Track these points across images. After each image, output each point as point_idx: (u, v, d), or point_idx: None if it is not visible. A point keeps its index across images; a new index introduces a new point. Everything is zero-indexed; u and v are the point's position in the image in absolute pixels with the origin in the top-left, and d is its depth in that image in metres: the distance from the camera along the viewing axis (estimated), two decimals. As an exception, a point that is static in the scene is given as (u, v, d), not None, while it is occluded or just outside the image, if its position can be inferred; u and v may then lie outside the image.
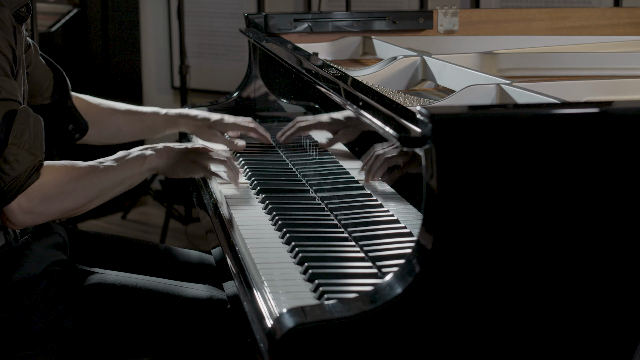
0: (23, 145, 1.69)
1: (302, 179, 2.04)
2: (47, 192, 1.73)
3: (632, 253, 1.32)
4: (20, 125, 1.69)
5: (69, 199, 1.77)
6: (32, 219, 1.75)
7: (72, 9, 4.42)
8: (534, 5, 3.78)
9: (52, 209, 1.76)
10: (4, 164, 1.67)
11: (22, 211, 1.71)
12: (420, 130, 1.30)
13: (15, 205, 1.70)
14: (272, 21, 2.62)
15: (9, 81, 1.71)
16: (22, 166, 1.68)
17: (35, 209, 1.72)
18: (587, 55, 2.30)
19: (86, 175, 1.79)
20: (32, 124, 1.72)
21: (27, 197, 1.70)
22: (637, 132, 1.30)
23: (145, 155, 1.86)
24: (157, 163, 1.87)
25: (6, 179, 1.67)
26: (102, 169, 1.81)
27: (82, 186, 1.78)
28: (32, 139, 1.71)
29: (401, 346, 1.28)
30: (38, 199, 1.71)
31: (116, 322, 1.82)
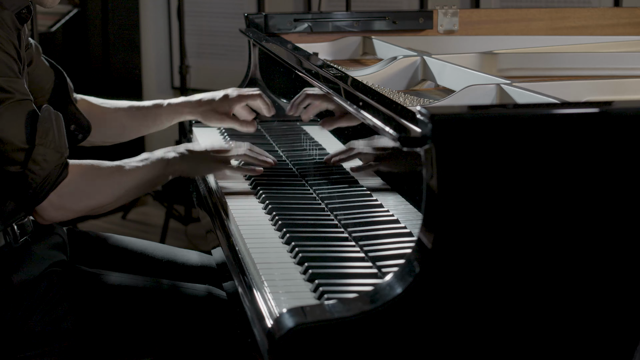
0: (49, 144, 1.72)
1: (302, 179, 2.04)
2: (77, 188, 1.76)
3: (632, 253, 1.32)
4: (44, 124, 1.72)
5: (97, 196, 1.80)
6: (63, 214, 1.78)
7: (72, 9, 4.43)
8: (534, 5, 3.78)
9: (82, 204, 1.79)
10: (33, 164, 1.70)
11: (54, 207, 1.74)
12: (420, 130, 1.30)
13: (47, 202, 1.73)
14: (272, 21, 2.62)
15: (19, 81, 1.74)
16: (51, 165, 1.71)
17: (66, 205, 1.75)
18: (587, 55, 2.30)
19: (113, 174, 1.82)
20: (55, 121, 1.75)
21: (58, 194, 1.73)
22: (637, 132, 1.30)
23: (168, 158, 1.88)
24: (180, 165, 1.89)
25: (37, 179, 1.70)
26: (127, 169, 1.84)
27: (109, 184, 1.81)
28: (57, 137, 1.74)
29: (401, 346, 1.28)
30: (68, 196, 1.75)
31: (116, 322, 1.82)
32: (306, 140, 2.14)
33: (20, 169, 1.70)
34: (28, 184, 1.70)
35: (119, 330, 1.82)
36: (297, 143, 2.21)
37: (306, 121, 2.12)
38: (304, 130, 2.21)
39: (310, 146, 2.10)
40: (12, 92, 1.71)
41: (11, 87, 1.71)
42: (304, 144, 2.15)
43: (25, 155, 1.70)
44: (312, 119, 2.16)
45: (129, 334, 1.83)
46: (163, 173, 1.88)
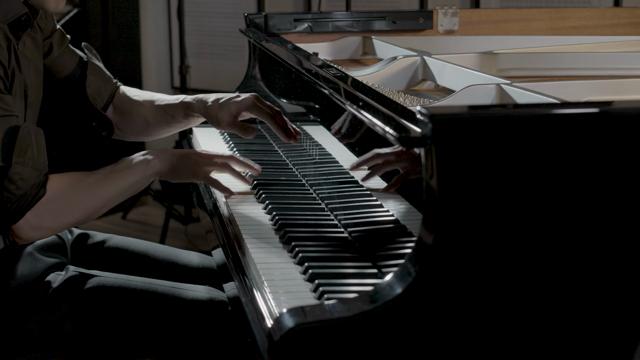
0: (27, 162, 1.66)
1: (302, 179, 2.04)
2: (55, 206, 1.71)
3: (632, 253, 1.32)
4: (22, 142, 1.66)
5: (76, 211, 1.75)
6: (41, 233, 1.75)
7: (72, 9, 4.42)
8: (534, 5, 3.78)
9: (60, 222, 1.74)
10: (9, 184, 1.65)
11: (31, 227, 1.69)
12: (420, 130, 1.30)
13: (24, 222, 1.68)
14: (272, 21, 2.62)
15: (5, 97, 1.68)
16: (28, 184, 1.66)
17: (43, 224, 1.70)
18: (587, 55, 2.30)
19: (92, 185, 1.77)
20: (34, 139, 1.69)
21: (35, 213, 1.68)
22: (637, 132, 1.30)
23: (148, 160, 1.84)
24: (160, 167, 1.85)
25: (13, 199, 1.65)
26: (107, 178, 1.79)
27: (89, 197, 1.76)
28: (35, 155, 1.68)
29: (401, 346, 1.28)
30: (46, 214, 1.70)
31: (116, 324, 1.82)
32: (306, 140, 2.14)
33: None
34: (3, 203, 1.65)
35: (119, 332, 1.82)
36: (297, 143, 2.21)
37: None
38: (304, 130, 2.20)
39: (310, 146, 2.10)
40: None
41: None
42: (304, 144, 2.15)
43: (0, 174, 1.64)
44: (312, 119, 2.16)
45: (129, 336, 1.82)
46: (143, 176, 1.83)
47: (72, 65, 2.06)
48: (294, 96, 2.30)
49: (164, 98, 2.12)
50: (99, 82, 2.09)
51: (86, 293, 1.82)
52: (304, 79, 2.10)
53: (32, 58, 1.86)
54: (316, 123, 2.11)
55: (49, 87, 1.97)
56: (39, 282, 1.80)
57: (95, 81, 2.08)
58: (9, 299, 1.76)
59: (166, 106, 2.09)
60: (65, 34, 2.08)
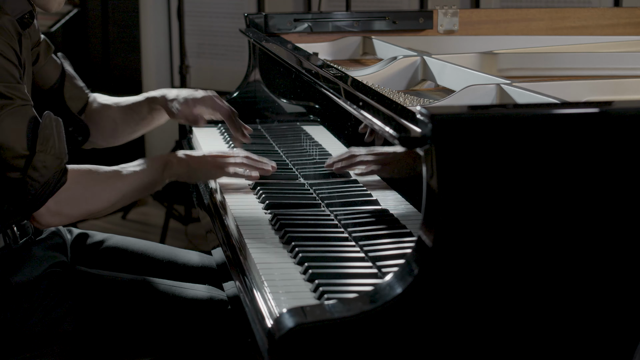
0: (49, 150, 1.72)
1: (302, 179, 2.04)
2: (74, 194, 1.76)
3: (632, 253, 1.32)
4: (45, 131, 1.72)
5: (94, 202, 1.80)
6: (60, 220, 1.78)
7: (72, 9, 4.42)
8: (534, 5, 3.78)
9: (79, 210, 1.79)
10: (33, 171, 1.70)
11: (50, 213, 1.74)
12: (420, 130, 1.30)
13: (45, 208, 1.73)
14: (272, 21, 2.62)
15: (20, 87, 1.74)
16: (50, 171, 1.72)
17: (62, 210, 1.75)
18: (587, 55, 2.30)
19: (110, 179, 1.82)
20: (55, 128, 1.75)
21: (55, 200, 1.73)
22: (637, 132, 1.30)
23: (166, 162, 1.88)
24: (178, 170, 1.89)
25: (36, 186, 1.71)
26: (125, 174, 1.83)
27: (107, 189, 1.81)
28: (57, 144, 1.74)
29: (401, 346, 1.28)
30: (65, 201, 1.75)
31: (116, 323, 1.82)
32: (306, 140, 2.14)
33: (20, 176, 1.70)
34: (27, 190, 1.71)
35: (119, 330, 1.82)
36: (297, 143, 2.21)
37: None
38: (304, 130, 2.21)
39: (310, 146, 2.10)
40: (13, 98, 1.71)
41: (12, 93, 1.71)
42: (304, 144, 2.15)
43: (25, 162, 1.70)
44: (312, 119, 2.16)
45: (129, 335, 1.83)
46: (160, 177, 1.88)
47: (56, 76, 2.13)
48: (294, 96, 2.30)
49: (129, 98, 2.22)
50: (74, 89, 2.16)
51: (86, 292, 1.83)
52: (304, 79, 2.10)
53: (27, 60, 1.88)
54: (316, 123, 2.11)
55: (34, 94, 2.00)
56: (40, 281, 1.81)
57: (71, 89, 2.15)
58: (9, 296, 1.77)
59: (132, 104, 2.20)
60: (50, 44, 2.12)
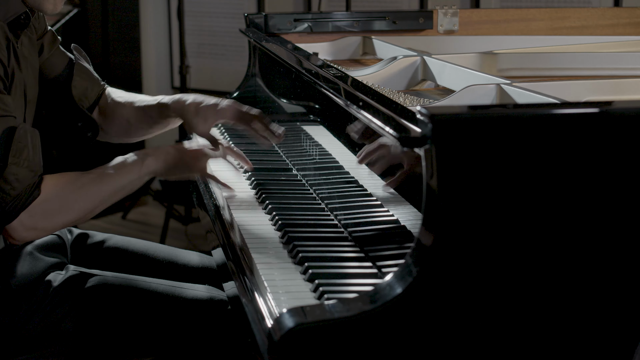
0: (22, 163, 1.67)
1: (302, 179, 2.04)
2: (49, 206, 1.71)
3: (632, 253, 1.32)
4: (18, 143, 1.67)
5: (70, 212, 1.75)
6: (35, 234, 1.75)
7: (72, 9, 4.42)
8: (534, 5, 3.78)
9: (55, 222, 1.75)
10: (4, 184, 1.65)
11: (25, 228, 1.69)
12: (420, 130, 1.30)
13: (18, 222, 1.68)
14: (272, 21, 2.62)
15: (4, 97, 1.69)
16: (23, 184, 1.67)
17: (37, 224, 1.71)
18: (587, 55, 2.30)
19: (86, 185, 1.77)
20: (30, 140, 1.70)
21: (29, 214, 1.68)
22: (637, 132, 1.30)
23: (142, 160, 1.84)
24: (155, 166, 1.85)
25: (7, 199, 1.66)
26: (101, 178, 1.79)
27: (83, 197, 1.76)
28: (31, 156, 1.69)
29: (401, 346, 1.28)
30: (40, 215, 1.70)
31: (116, 324, 1.82)
32: (306, 140, 2.14)
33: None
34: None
35: (119, 331, 1.82)
36: (297, 143, 2.21)
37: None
38: (304, 130, 2.21)
39: (310, 146, 2.10)
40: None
41: None
42: (304, 144, 2.15)
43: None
44: (312, 119, 2.16)
45: (129, 335, 1.82)
46: (138, 176, 1.83)
47: (62, 67, 2.07)
48: (294, 96, 2.30)
49: (144, 99, 2.13)
50: (85, 83, 2.10)
51: (86, 292, 1.82)
52: (304, 79, 2.10)
53: (29, 56, 1.87)
54: (316, 123, 2.11)
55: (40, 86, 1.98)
56: (40, 281, 1.80)
57: (81, 82, 2.09)
58: (9, 297, 1.77)
59: (145, 107, 2.11)
60: (57, 36, 2.09)
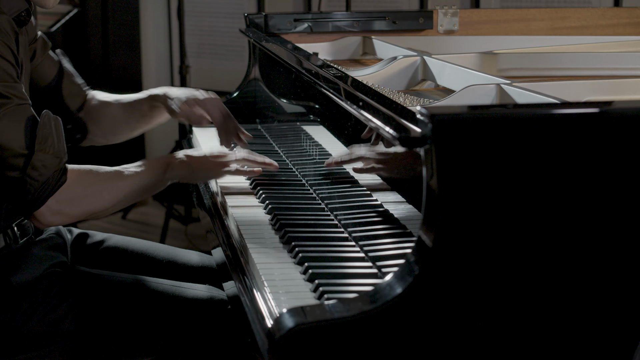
0: (48, 150, 1.71)
1: (302, 179, 2.04)
2: (75, 194, 1.75)
3: (632, 253, 1.32)
4: (44, 130, 1.72)
5: (94, 201, 1.79)
6: (61, 219, 1.78)
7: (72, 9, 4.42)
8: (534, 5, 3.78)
9: (80, 210, 1.78)
10: (32, 170, 1.69)
11: (51, 213, 1.73)
12: (420, 130, 1.30)
13: (45, 207, 1.72)
14: (272, 21, 2.62)
15: (18, 86, 1.73)
16: (50, 170, 1.71)
17: (63, 210, 1.75)
18: (587, 55, 2.30)
19: (111, 179, 1.81)
20: (54, 127, 1.74)
21: (56, 200, 1.73)
22: (637, 132, 1.30)
23: (168, 163, 1.88)
24: (179, 172, 1.89)
25: (36, 185, 1.70)
26: (126, 174, 1.83)
27: (108, 189, 1.80)
28: (55, 143, 1.73)
29: (401, 346, 1.28)
30: (66, 201, 1.74)
31: (116, 323, 1.82)
32: (306, 140, 2.14)
33: (19, 175, 1.70)
34: (27, 190, 1.70)
35: (119, 330, 1.82)
36: (297, 143, 2.21)
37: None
38: (304, 130, 2.21)
39: (310, 146, 2.10)
40: (11, 97, 1.70)
41: (9, 92, 1.70)
42: (304, 144, 2.15)
43: (24, 161, 1.69)
44: (312, 119, 2.16)
45: (129, 334, 1.83)
46: (162, 179, 1.87)
47: (54, 71, 2.12)
48: (294, 96, 2.30)
49: (131, 95, 2.21)
50: (72, 87, 2.15)
51: (87, 291, 1.83)
52: (304, 79, 2.10)
53: (24, 60, 1.88)
54: (316, 123, 2.11)
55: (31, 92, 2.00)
56: (40, 280, 1.81)
57: (69, 86, 2.14)
58: (9, 296, 1.77)
59: (133, 102, 2.19)
60: (47, 40, 2.12)
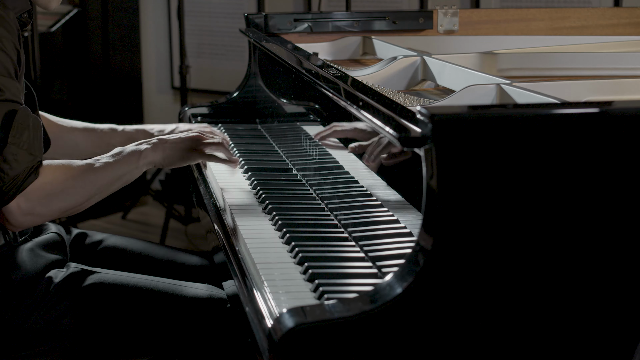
0: (22, 145, 1.69)
1: (302, 179, 2.04)
2: (46, 192, 1.73)
3: (632, 253, 1.32)
4: (19, 124, 1.69)
5: (68, 198, 1.77)
6: (32, 220, 1.76)
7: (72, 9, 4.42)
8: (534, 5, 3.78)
9: (52, 208, 1.76)
10: (3, 163, 1.67)
11: (22, 212, 1.71)
12: (420, 130, 1.30)
13: (15, 206, 1.70)
14: (272, 21, 2.62)
15: (12, 82, 1.72)
16: (21, 166, 1.69)
17: (34, 209, 1.72)
18: (587, 55, 2.30)
19: (84, 173, 1.79)
20: (32, 124, 1.72)
21: (26, 198, 1.70)
22: (637, 132, 1.30)
23: (140, 150, 1.87)
24: (153, 157, 1.88)
25: (5, 179, 1.67)
26: (99, 167, 1.81)
27: (81, 184, 1.78)
28: (31, 139, 1.71)
29: (401, 346, 1.28)
30: (37, 200, 1.72)
31: (116, 321, 1.82)
32: (306, 140, 2.14)
33: None
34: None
35: (119, 329, 1.82)
36: (297, 143, 2.21)
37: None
38: (304, 130, 2.21)
39: (310, 146, 2.10)
40: (3, 90, 1.68)
41: (3, 85, 1.68)
42: (304, 144, 2.15)
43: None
44: (312, 119, 2.16)
45: (129, 334, 1.83)
46: (136, 166, 1.86)
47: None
48: (294, 96, 2.30)
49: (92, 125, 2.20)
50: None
51: (87, 290, 1.83)
52: (304, 79, 2.10)
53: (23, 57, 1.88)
54: (316, 123, 2.11)
55: None
56: (40, 278, 1.81)
57: None
58: (9, 295, 1.77)
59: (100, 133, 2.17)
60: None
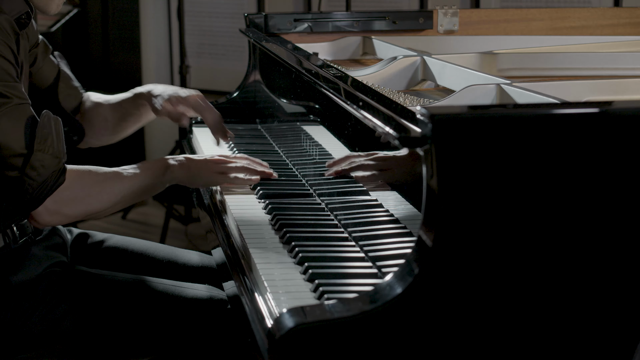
0: (47, 150, 1.72)
1: (302, 179, 2.04)
2: (73, 194, 1.76)
3: (632, 253, 1.32)
4: (43, 130, 1.72)
5: (93, 202, 1.80)
6: (58, 219, 1.79)
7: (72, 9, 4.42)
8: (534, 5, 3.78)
9: (77, 210, 1.79)
10: (31, 170, 1.70)
11: (49, 213, 1.74)
12: (420, 130, 1.30)
13: (43, 207, 1.73)
14: (272, 21, 2.62)
15: (17, 86, 1.74)
16: (48, 171, 1.71)
17: (61, 210, 1.75)
18: (587, 55, 2.30)
19: (110, 179, 1.81)
20: (54, 127, 1.75)
21: (54, 200, 1.73)
22: (637, 132, 1.30)
23: (167, 166, 1.88)
24: (179, 174, 1.89)
25: (34, 185, 1.70)
26: (125, 175, 1.83)
27: (106, 190, 1.81)
28: (55, 143, 1.74)
29: (401, 346, 1.28)
30: (64, 201, 1.75)
31: (116, 322, 1.82)
32: (306, 140, 2.14)
33: (17, 174, 1.70)
34: (25, 190, 1.71)
35: (119, 330, 1.82)
36: (297, 143, 2.21)
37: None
38: (304, 130, 2.21)
39: (310, 146, 2.10)
40: (10, 97, 1.71)
41: (9, 92, 1.71)
42: (304, 144, 2.15)
43: (23, 161, 1.70)
44: (312, 119, 2.16)
45: (129, 334, 1.83)
46: (160, 181, 1.87)
47: (53, 75, 2.13)
48: (294, 96, 2.30)
49: (120, 95, 2.23)
50: (69, 89, 2.17)
51: (87, 291, 1.83)
52: (304, 79, 2.10)
53: (24, 60, 1.88)
54: (316, 123, 2.11)
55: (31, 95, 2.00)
56: (40, 280, 1.81)
57: (66, 89, 2.16)
58: (9, 296, 1.77)
59: (121, 101, 2.21)
60: (48, 45, 2.14)
